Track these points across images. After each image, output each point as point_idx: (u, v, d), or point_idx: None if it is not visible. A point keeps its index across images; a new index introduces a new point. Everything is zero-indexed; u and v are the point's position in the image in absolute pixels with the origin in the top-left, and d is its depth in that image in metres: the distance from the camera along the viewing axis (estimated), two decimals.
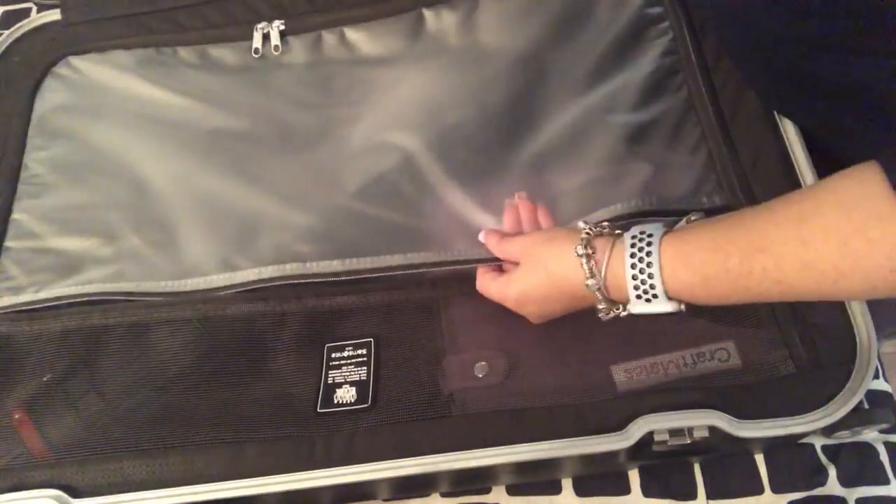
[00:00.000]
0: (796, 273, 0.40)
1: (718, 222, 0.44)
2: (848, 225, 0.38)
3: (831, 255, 0.38)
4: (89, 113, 0.70)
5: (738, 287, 0.42)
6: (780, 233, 0.40)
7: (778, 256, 0.40)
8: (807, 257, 0.39)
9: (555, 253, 0.48)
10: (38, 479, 0.50)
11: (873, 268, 0.38)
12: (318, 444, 0.49)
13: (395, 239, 0.58)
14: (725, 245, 0.42)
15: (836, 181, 0.40)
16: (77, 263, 0.62)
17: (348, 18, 0.71)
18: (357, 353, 0.54)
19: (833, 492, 0.51)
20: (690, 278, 0.43)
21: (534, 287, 0.50)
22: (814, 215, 0.39)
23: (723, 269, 0.42)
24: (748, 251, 0.41)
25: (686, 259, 0.43)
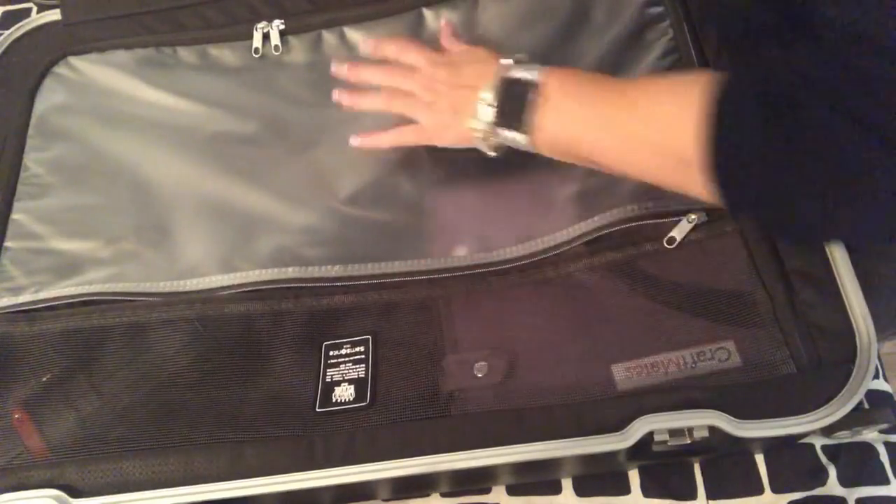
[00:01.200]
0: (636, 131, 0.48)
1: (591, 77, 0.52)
2: (666, 93, 0.46)
3: (646, 118, 0.47)
4: (89, 114, 0.70)
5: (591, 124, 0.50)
6: (623, 90, 0.49)
7: (619, 105, 0.49)
8: (632, 113, 0.47)
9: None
10: (37, 479, 0.50)
11: (648, 141, 0.47)
12: (317, 444, 0.49)
13: (396, 243, 0.58)
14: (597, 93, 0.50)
15: (687, 74, 0.47)
16: (76, 264, 0.62)
17: (348, 18, 0.71)
18: (355, 351, 0.54)
19: (833, 492, 0.51)
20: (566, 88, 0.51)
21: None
22: (648, 83, 0.49)
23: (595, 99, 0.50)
24: (600, 99, 0.49)
25: (565, 74, 0.52)
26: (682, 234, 0.55)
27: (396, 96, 0.59)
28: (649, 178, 0.50)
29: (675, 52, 0.63)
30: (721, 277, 0.53)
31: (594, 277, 0.55)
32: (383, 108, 0.60)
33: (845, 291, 0.50)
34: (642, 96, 0.48)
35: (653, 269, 0.54)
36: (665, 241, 0.55)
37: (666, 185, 0.49)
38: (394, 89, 0.60)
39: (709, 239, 0.54)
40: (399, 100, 0.59)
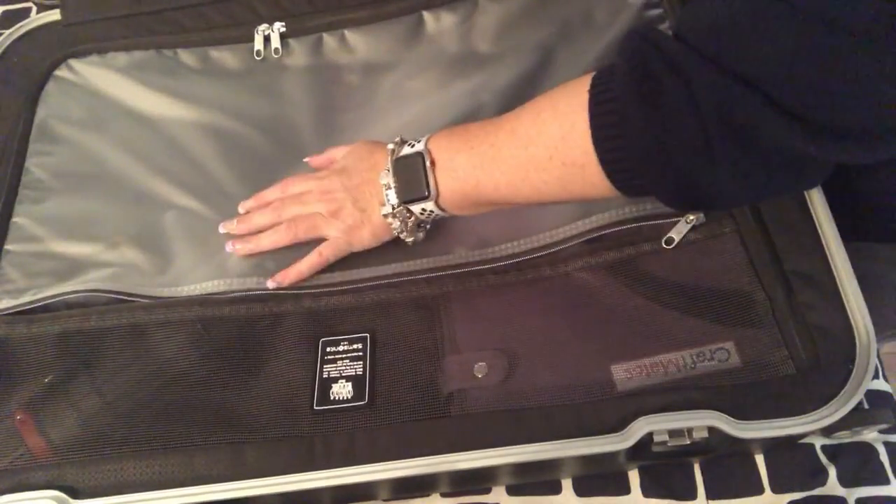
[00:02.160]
0: (508, 135, 0.50)
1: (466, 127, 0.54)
2: (560, 130, 0.46)
3: (532, 137, 0.48)
4: (91, 119, 0.70)
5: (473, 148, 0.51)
6: (504, 121, 0.51)
7: (509, 144, 0.49)
8: (530, 151, 0.48)
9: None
10: (38, 480, 0.50)
11: (545, 146, 0.47)
12: (317, 445, 0.49)
13: (394, 245, 0.58)
14: (480, 130, 0.52)
15: (573, 80, 0.47)
16: (77, 268, 0.62)
17: (348, 21, 0.71)
18: (353, 348, 0.54)
19: (833, 492, 0.51)
20: (448, 144, 0.53)
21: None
22: (528, 106, 0.50)
23: (468, 141, 0.52)
24: (482, 139, 0.51)
25: (445, 134, 0.54)
26: (680, 235, 0.55)
27: (297, 221, 0.58)
28: (553, 196, 0.50)
29: None
30: (720, 278, 0.53)
31: (593, 277, 0.55)
32: (288, 240, 0.59)
33: (845, 292, 0.50)
34: (519, 121, 0.49)
35: (652, 269, 0.54)
36: (663, 242, 0.55)
37: (573, 194, 0.49)
38: (291, 218, 0.59)
39: (707, 239, 0.55)
40: (302, 223, 0.58)
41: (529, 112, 0.49)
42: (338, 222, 0.57)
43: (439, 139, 0.54)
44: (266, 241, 0.59)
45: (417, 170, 0.53)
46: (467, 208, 0.54)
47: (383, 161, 0.56)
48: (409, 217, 0.55)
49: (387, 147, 0.56)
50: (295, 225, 0.58)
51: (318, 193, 0.58)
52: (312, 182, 0.59)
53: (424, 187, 0.53)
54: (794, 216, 0.53)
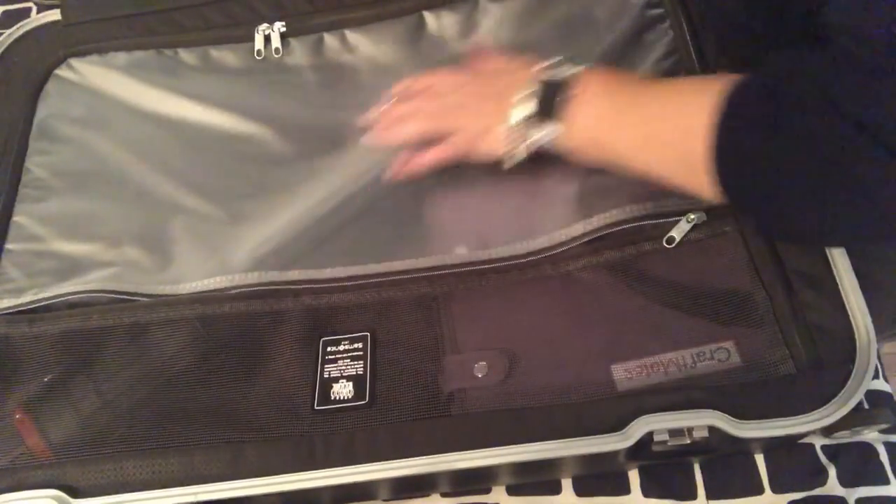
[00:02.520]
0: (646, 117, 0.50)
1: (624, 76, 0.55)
2: (686, 86, 0.49)
3: (665, 119, 0.49)
4: (91, 117, 0.70)
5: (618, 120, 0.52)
6: (653, 90, 0.51)
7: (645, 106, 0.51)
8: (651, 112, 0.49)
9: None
10: (38, 479, 0.50)
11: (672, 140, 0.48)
12: (317, 444, 0.49)
13: (396, 243, 0.58)
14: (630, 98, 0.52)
15: (718, 76, 0.47)
16: (77, 267, 0.62)
17: (349, 20, 0.71)
18: (353, 347, 0.54)
19: (833, 492, 0.51)
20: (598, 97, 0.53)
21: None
22: (673, 85, 0.51)
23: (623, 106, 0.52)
24: (631, 94, 0.52)
25: (602, 74, 0.54)
26: (681, 234, 0.55)
27: (436, 116, 0.60)
28: (660, 177, 0.51)
29: (675, 53, 0.63)
30: (721, 277, 0.53)
31: (594, 277, 0.55)
32: (418, 133, 0.60)
33: (845, 292, 0.50)
34: (663, 94, 0.50)
35: (652, 268, 0.54)
36: (664, 241, 0.55)
37: (675, 183, 0.50)
38: (429, 112, 0.60)
39: (708, 239, 0.55)
40: (433, 120, 0.60)
41: (672, 87, 0.50)
42: (471, 124, 0.58)
43: (594, 75, 0.54)
44: (405, 131, 0.61)
45: (558, 96, 0.53)
46: (585, 150, 0.54)
47: (532, 76, 0.55)
48: (533, 138, 0.55)
49: (540, 65, 0.56)
50: (433, 119, 0.60)
51: (462, 93, 0.59)
52: (459, 79, 0.60)
53: (559, 114, 0.53)
54: None
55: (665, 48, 0.64)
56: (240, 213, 0.63)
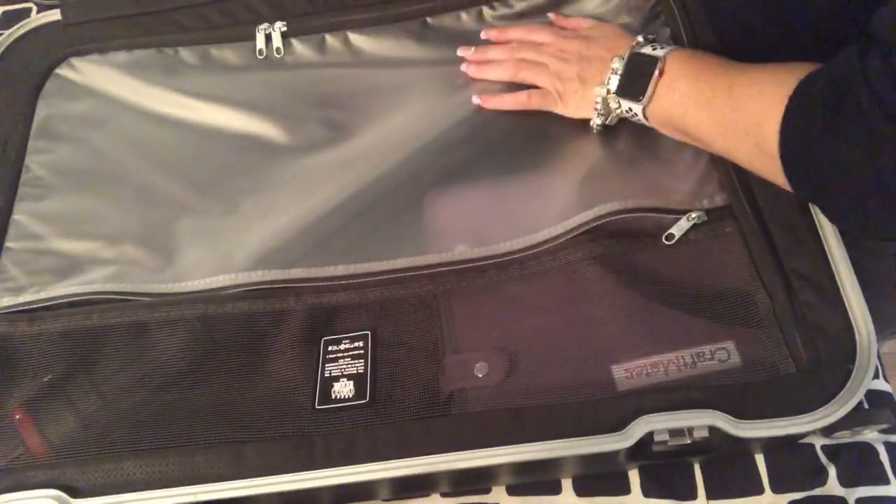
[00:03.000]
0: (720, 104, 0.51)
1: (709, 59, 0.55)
2: (764, 76, 0.49)
3: (742, 106, 0.49)
4: (91, 116, 0.71)
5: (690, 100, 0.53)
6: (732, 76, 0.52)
7: (722, 89, 0.51)
8: (732, 100, 0.50)
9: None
10: (37, 480, 0.50)
11: (746, 126, 0.49)
12: (317, 444, 0.49)
13: (397, 241, 0.58)
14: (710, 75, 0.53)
15: (793, 65, 0.48)
16: (77, 265, 0.62)
17: (351, 22, 0.71)
18: (354, 346, 0.54)
19: (833, 492, 0.51)
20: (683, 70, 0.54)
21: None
22: (753, 70, 0.50)
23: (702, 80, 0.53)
24: (712, 75, 0.53)
25: (690, 54, 0.56)
26: (681, 232, 0.55)
27: (524, 65, 0.63)
28: (740, 162, 0.53)
29: None
30: (721, 277, 0.53)
31: (594, 275, 0.55)
32: (510, 76, 0.64)
33: (845, 291, 0.50)
34: (740, 81, 0.51)
35: (652, 265, 0.54)
36: (664, 238, 0.55)
37: (755, 170, 0.52)
38: (521, 59, 0.64)
39: (709, 239, 0.55)
40: (527, 68, 0.63)
41: (750, 76, 0.50)
42: (557, 81, 0.61)
43: (680, 57, 0.55)
44: (492, 72, 0.65)
45: (645, 73, 0.55)
46: (667, 128, 0.57)
47: (623, 48, 0.58)
48: (616, 108, 0.58)
49: (633, 39, 0.58)
50: (521, 67, 0.63)
51: (555, 49, 0.62)
52: (554, 37, 0.63)
53: (641, 91, 0.55)
54: (795, 216, 0.53)
55: None
56: (241, 211, 0.63)
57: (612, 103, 0.58)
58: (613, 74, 0.57)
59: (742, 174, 0.56)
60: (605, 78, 0.58)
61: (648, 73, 0.55)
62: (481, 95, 0.64)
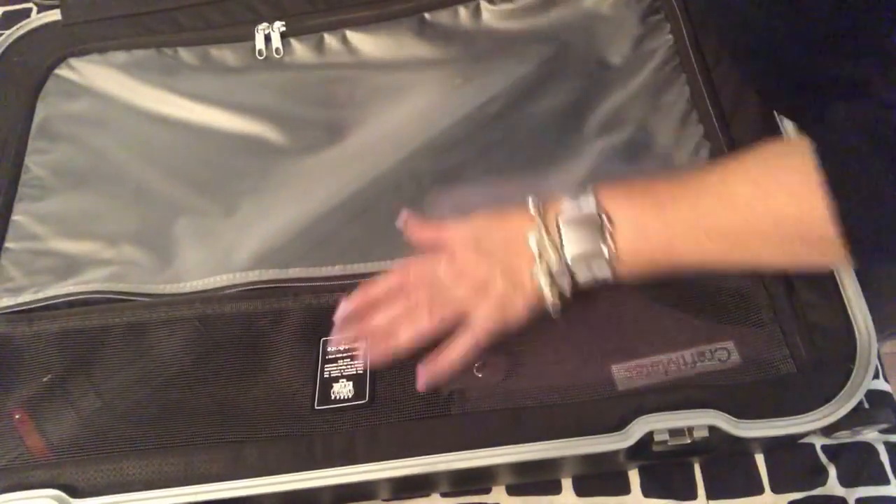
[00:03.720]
0: (718, 214, 0.45)
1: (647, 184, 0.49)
2: (768, 176, 0.44)
3: (751, 202, 0.44)
4: (91, 116, 0.71)
5: (666, 222, 0.47)
6: (708, 180, 0.47)
7: (703, 198, 0.46)
8: (731, 200, 0.45)
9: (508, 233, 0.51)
10: (37, 479, 0.50)
11: (791, 225, 0.43)
12: (317, 444, 0.49)
13: (396, 242, 0.58)
14: (658, 189, 0.48)
15: (763, 145, 0.46)
16: (76, 265, 0.62)
17: (349, 21, 0.71)
18: (354, 346, 0.54)
19: (833, 492, 0.51)
20: (619, 199, 0.48)
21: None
22: (736, 170, 0.46)
23: (651, 198, 0.48)
24: (679, 200, 0.47)
25: (621, 191, 0.49)
26: None
27: (439, 305, 0.51)
28: (774, 265, 0.49)
29: (676, 55, 0.63)
30: (721, 277, 0.53)
31: None
32: (433, 327, 0.51)
33: (845, 291, 0.50)
34: (728, 186, 0.46)
35: None
36: None
37: (793, 265, 0.49)
38: (430, 302, 0.51)
39: None
40: (445, 306, 0.51)
41: (739, 177, 0.46)
42: (487, 299, 0.50)
43: (614, 196, 0.48)
44: (405, 333, 0.51)
45: (593, 230, 0.47)
46: (646, 271, 0.49)
47: (524, 225, 0.49)
48: (570, 284, 0.50)
49: (526, 209, 0.50)
50: (438, 308, 0.51)
51: (453, 275, 0.51)
52: (438, 264, 0.52)
53: (602, 249, 0.47)
54: None
55: (665, 49, 0.64)
56: (240, 212, 0.63)
57: (565, 281, 0.49)
58: (546, 254, 0.48)
59: None
60: (533, 265, 0.49)
61: (597, 229, 0.47)
62: (425, 372, 0.50)
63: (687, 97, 0.61)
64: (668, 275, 0.48)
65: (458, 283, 0.51)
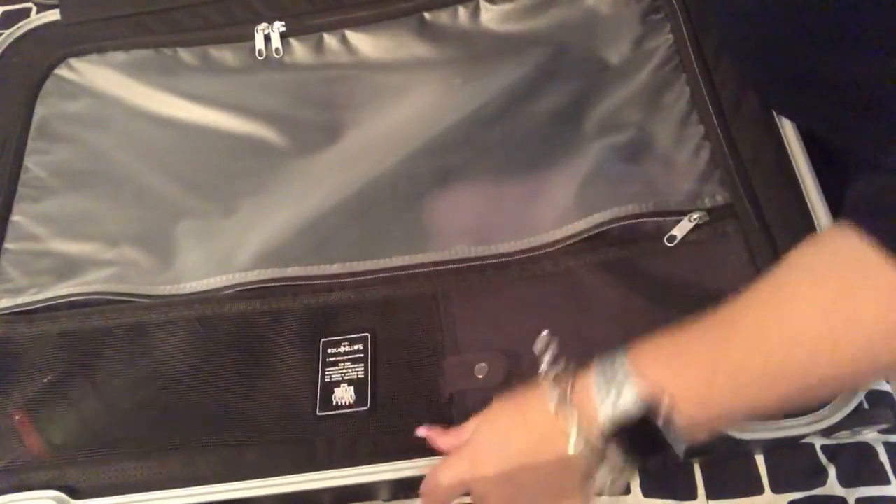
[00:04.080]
0: (784, 351, 0.35)
1: (683, 328, 0.40)
2: (825, 291, 0.35)
3: (815, 326, 0.35)
4: (90, 116, 0.71)
5: (720, 377, 0.37)
6: (751, 313, 0.37)
7: (756, 336, 0.36)
8: (789, 332, 0.35)
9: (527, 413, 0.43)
10: (38, 480, 0.51)
11: (868, 334, 0.34)
12: (319, 450, 0.49)
13: (395, 240, 0.58)
14: (691, 338, 0.39)
15: (804, 249, 0.37)
16: (76, 266, 0.62)
17: (349, 20, 0.71)
18: (354, 349, 0.54)
19: (833, 492, 0.51)
20: (660, 369, 0.39)
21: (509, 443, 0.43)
22: (784, 287, 0.37)
23: (694, 355, 0.38)
24: (720, 339, 0.38)
25: (654, 352, 0.40)
26: (682, 233, 0.54)
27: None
28: (821, 394, 0.41)
29: (676, 54, 0.63)
30: (723, 278, 0.53)
31: (595, 275, 0.55)
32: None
33: None
34: (761, 316, 0.37)
35: (654, 268, 0.54)
36: (666, 240, 0.55)
37: (849, 387, 0.41)
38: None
39: (711, 239, 0.54)
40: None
41: (760, 308, 0.37)
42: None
43: (640, 349, 0.40)
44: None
45: (650, 426, 0.38)
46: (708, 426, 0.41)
47: (544, 422, 0.41)
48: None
49: (541, 398, 0.41)
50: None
51: (495, 471, 0.43)
52: (462, 484, 0.44)
53: (670, 442, 0.38)
54: (796, 217, 0.53)
55: (666, 49, 0.64)
56: (239, 212, 0.63)
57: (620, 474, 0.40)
58: (594, 458, 0.39)
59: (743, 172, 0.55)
60: (579, 468, 0.40)
61: (654, 423, 0.38)
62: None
63: (687, 97, 0.61)
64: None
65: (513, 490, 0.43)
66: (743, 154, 0.57)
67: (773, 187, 0.53)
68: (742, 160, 0.56)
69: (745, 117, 0.58)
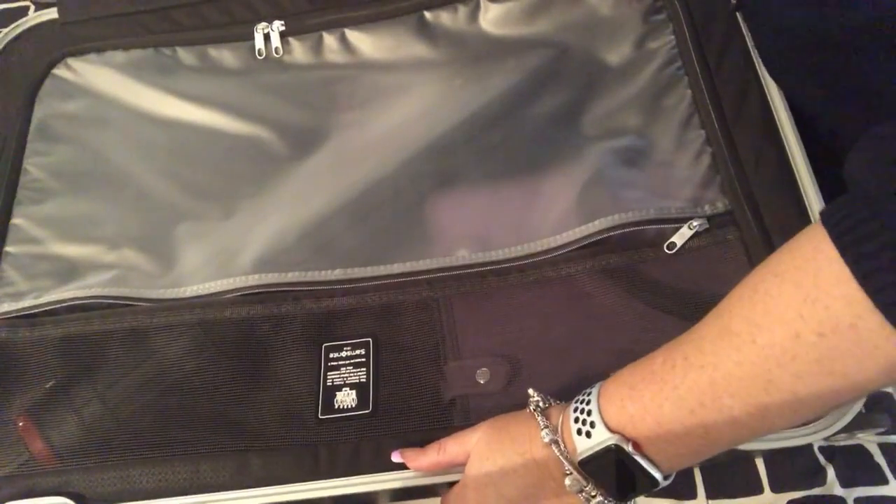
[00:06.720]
0: (756, 358, 0.34)
1: (650, 355, 0.40)
2: (799, 293, 0.33)
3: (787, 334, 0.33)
4: (90, 118, 0.70)
5: (679, 399, 0.37)
6: (720, 323, 0.36)
7: (723, 350, 0.35)
8: (762, 340, 0.34)
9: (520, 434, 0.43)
10: (45, 487, 0.51)
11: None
12: (321, 455, 0.50)
13: (396, 246, 0.58)
14: (656, 358, 0.39)
15: (775, 256, 0.36)
16: (77, 269, 0.62)
17: (348, 19, 0.70)
18: (356, 354, 0.55)
19: (832, 492, 0.52)
20: (622, 397, 0.39)
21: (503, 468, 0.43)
22: (752, 294, 0.35)
23: (651, 375, 0.38)
24: (681, 356, 0.37)
25: (618, 382, 0.40)
26: (682, 240, 0.54)
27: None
28: (816, 391, 0.34)
29: (678, 57, 0.63)
30: (722, 285, 0.51)
31: (595, 282, 0.55)
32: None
33: None
34: (709, 327, 0.38)
35: (654, 274, 0.54)
36: (666, 247, 0.55)
37: (841, 382, 0.34)
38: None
39: (710, 246, 0.54)
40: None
41: (735, 307, 0.37)
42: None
43: (619, 403, 0.39)
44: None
45: (624, 466, 0.38)
46: (689, 463, 0.40)
47: (540, 456, 0.42)
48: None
49: (529, 419, 0.43)
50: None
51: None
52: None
53: (648, 481, 0.39)
54: (795, 224, 0.53)
55: (667, 52, 0.63)
56: (239, 215, 0.63)
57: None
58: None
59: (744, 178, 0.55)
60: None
61: (631, 464, 0.38)
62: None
63: (689, 100, 0.61)
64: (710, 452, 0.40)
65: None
66: (744, 160, 0.56)
67: (774, 194, 0.52)
68: (743, 166, 0.56)
69: (746, 122, 0.58)
